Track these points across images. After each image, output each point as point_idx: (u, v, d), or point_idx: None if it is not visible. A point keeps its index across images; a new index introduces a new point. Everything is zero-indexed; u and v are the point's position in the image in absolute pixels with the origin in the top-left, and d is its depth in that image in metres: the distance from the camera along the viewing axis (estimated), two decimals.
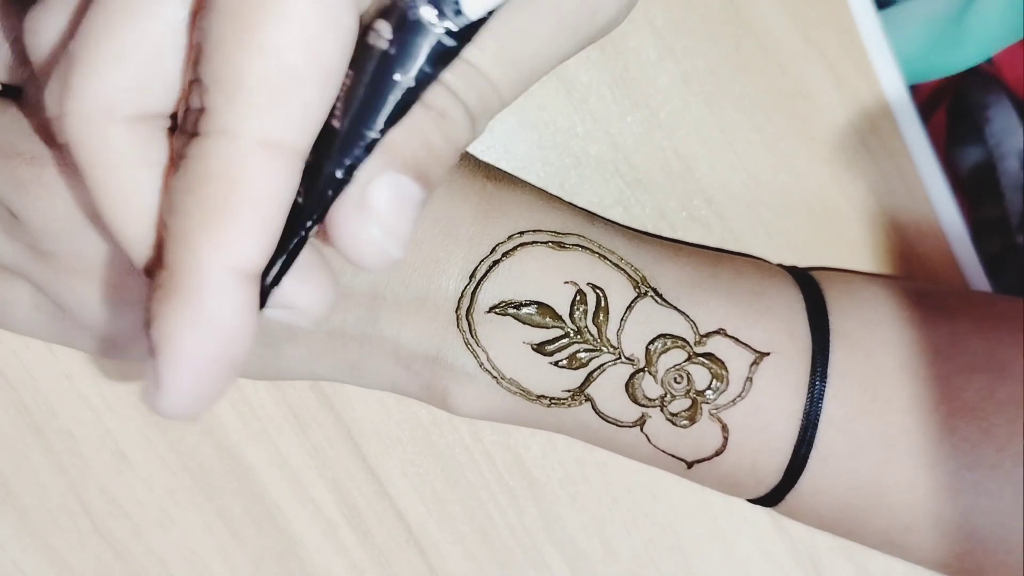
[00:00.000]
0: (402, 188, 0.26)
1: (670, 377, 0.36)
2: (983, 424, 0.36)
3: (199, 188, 0.24)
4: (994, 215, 0.43)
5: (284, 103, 0.23)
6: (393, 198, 0.26)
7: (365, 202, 0.25)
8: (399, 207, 0.26)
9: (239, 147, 0.23)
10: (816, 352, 0.37)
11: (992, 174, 0.42)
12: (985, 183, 0.42)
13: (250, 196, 0.24)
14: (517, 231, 0.36)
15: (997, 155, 0.42)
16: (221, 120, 0.23)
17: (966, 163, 0.42)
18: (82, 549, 0.43)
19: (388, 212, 0.25)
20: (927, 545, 0.38)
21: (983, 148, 0.42)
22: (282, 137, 0.24)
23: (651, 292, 0.36)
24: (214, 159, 0.24)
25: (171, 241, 0.24)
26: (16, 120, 0.34)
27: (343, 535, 0.43)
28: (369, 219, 0.25)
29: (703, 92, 0.42)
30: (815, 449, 0.37)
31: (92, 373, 0.42)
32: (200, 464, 0.43)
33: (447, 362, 0.36)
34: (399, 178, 0.26)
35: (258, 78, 0.23)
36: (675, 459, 0.38)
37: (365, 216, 0.25)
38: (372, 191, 0.25)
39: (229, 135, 0.23)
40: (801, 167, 0.42)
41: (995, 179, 0.42)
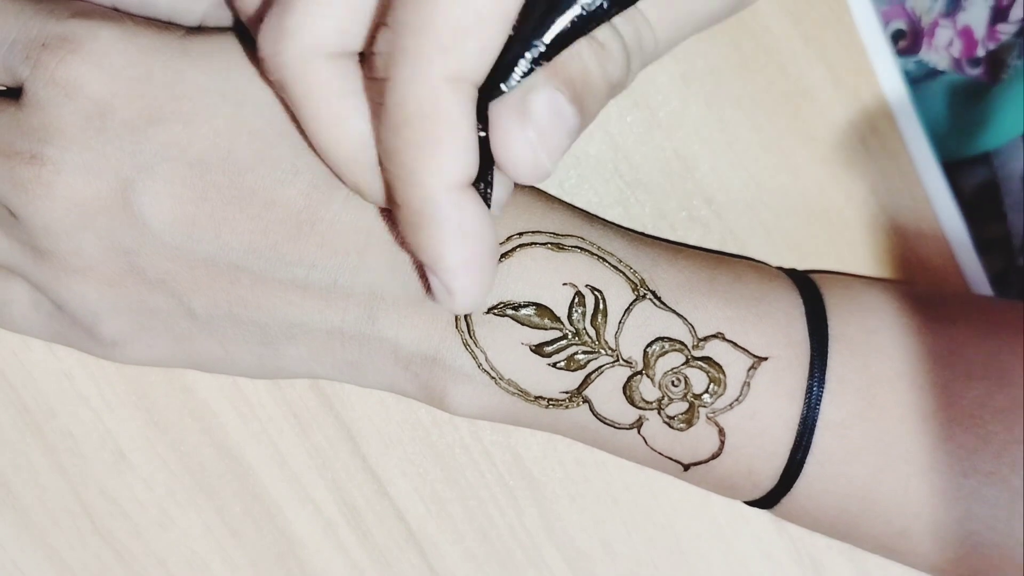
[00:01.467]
0: (559, 104, 0.28)
1: (668, 380, 0.36)
2: (980, 431, 0.36)
3: (404, 131, 0.28)
4: (997, 235, 0.43)
5: (467, 41, 0.27)
6: (550, 110, 0.28)
7: (525, 107, 0.28)
8: (555, 120, 0.28)
9: (430, 85, 0.27)
10: (814, 357, 0.37)
11: (996, 194, 0.42)
12: (988, 203, 0.42)
13: (447, 125, 0.27)
14: (516, 232, 0.36)
15: (1001, 175, 0.42)
16: (411, 61, 0.27)
17: (970, 182, 0.42)
18: (82, 549, 0.43)
19: (545, 121, 0.28)
20: (923, 550, 0.38)
21: (987, 168, 0.42)
22: (465, 71, 0.27)
23: (650, 295, 0.36)
24: (411, 101, 0.27)
25: (397, 182, 0.29)
26: (15, 119, 0.34)
27: (343, 535, 0.43)
28: (527, 124, 0.28)
29: (703, 92, 0.42)
30: (811, 454, 0.37)
31: (92, 373, 0.42)
32: (200, 464, 0.43)
33: (445, 362, 0.36)
34: (557, 95, 0.28)
35: (445, 21, 0.26)
36: (672, 461, 0.38)
37: (524, 121, 0.28)
38: (533, 98, 0.28)
39: (420, 76, 0.27)
40: (801, 167, 0.42)
41: (998, 199, 0.42)
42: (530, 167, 0.28)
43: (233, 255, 0.34)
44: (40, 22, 0.34)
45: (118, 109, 0.33)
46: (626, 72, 0.31)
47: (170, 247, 0.34)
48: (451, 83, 0.27)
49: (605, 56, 0.30)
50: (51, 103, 0.33)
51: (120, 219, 0.34)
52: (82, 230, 0.34)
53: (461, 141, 0.28)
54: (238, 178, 0.34)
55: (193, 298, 0.35)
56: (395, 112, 0.28)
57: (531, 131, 0.28)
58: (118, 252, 0.35)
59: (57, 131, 0.33)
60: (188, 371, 0.42)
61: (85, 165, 0.33)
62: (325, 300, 0.35)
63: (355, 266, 0.35)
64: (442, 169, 0.28)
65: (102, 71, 0.33)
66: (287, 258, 0.34)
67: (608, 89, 0.31)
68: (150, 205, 0.34)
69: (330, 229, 0.34)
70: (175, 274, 0.35)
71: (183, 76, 0.33)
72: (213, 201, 0.34)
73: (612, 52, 0.30)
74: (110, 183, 0.34)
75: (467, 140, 0.28)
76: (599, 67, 0.30)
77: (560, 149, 0.29)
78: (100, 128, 0.33)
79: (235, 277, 0.35)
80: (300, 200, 0.34)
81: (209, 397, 0.43)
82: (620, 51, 0.30)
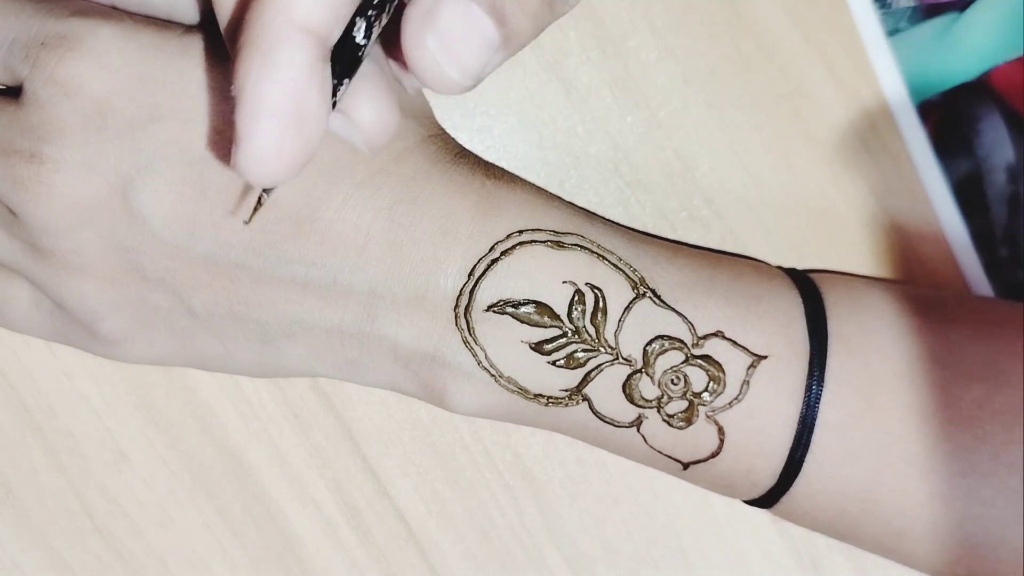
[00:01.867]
0: (472, 16, 0.27)
1: (667, 378, 0.36)
2: (979, 432, 0.36)
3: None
4: (980, 227, 0.43)
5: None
6: (460, 20, 0.27)
7: (430, 13, 0.27)
8: (464, 31, 0.27)
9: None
10: (814, 356, 0.37)
11: (979, 186, 0.42)
12: (972, 195, 0.42)
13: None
14: (516, 230, 0.36)
15: (985, 168, 0.42)
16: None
17: (954, 175, 0.42)
18: (82, 549, 0.43)
19: (448, 29, 0.27)
20: (920, 551, 0.38)
21: (972, 160, 0.42)
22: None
23: (649, 293, 0.36)
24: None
25: (249, 6, 0.26)
26: (15, 118, 0.34)
27: (343, 535, 0.43)
28: (430, 31, 0.27)
29: (703, 92, 0.42)
30: (810, 453, 0.37)
31: (92, 373, 0.42)
32: (200, 464, 0.43)
33: (445, 360, 0.36)
34: (468, 4, 0.27)
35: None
36: (671, 460, 0.38)
37: (427, 26, 0.27)
38: (439, 5, 0.27)
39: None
40: (801, 167, 0.42)
41: (981, 191, 0.42)
42: (435, 75, 0.28)
43: (233, 253, 0.34)
44: (39, 21, 0.34)
45: (117, 107, 0.33)
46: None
47: (170, 245, 0.34)
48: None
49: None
50: (51, 101, 0.33)
51: (120, 217, 0.34)
52: (82, 228, 0.34)
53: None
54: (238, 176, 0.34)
55: (193, 296, 0.35)
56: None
57: (431, 39, 0.27)
58: (118, 250, 0.35)
59: (57, 129, 0.33)
60: (188, 371, 0.42)
61: (85, 163, 0.33)
62: (325, 298, 0.35)
63: (354, 264, 0.35)
64: (296, 3, 0.26)
65: (101, 69, 0.33)
66: (287, 256, 0.34)
67: (545, 4, 0.30)
68: (150, 203, 0.34)
69: (329, 227, 0.34)
70: (175, 272, 0.35)
71: (183, 74, 0.33)
72: (212, 199, 0.34)
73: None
74: (110, 181, 0.34)
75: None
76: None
77: (474, 62, 0.28)
78: (100, 126, 0.33)
79: (235, 275, 0.35)
80: (299, 198, 0.34)
81: (209, 397, 0.43)
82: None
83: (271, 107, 0.26)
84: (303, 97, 0.26)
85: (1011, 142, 0.42)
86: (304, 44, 0.26)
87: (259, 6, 0.26)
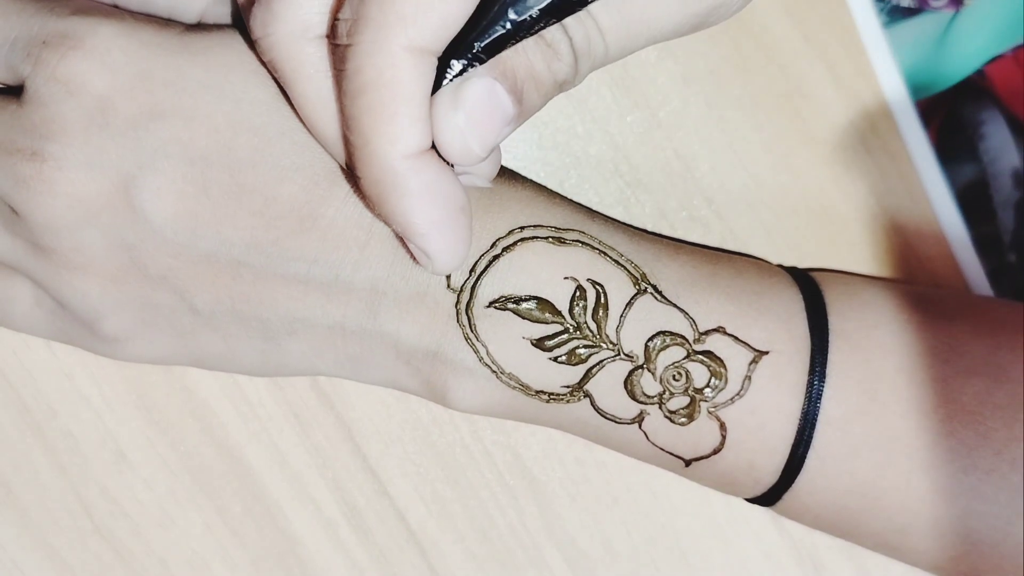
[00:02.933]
0: (495, 94, 0.30)
1: (669, 374, 0.36)
2: (980, 428, 0.36)
3: (362, 98, 0.29)
4: (987, 233, 0.43)
5: (429, 13, 0.28)
6: (483, 98, 0.30)
7: (458, 93, 0.30)
8: (487, 108, 0.30)
9: (389, 53, 0.28)
10: (815, 352, 0.37)
11: (985, 191, 0.42)
12: (978, 201, 0.43)
13: (403, 95, 0.28)
14: (517, 226, 0.36)
15: (991, 173, 0.42)
16: (372, 28, 0.28)
17: (959, 180, 0.42)
18: (82, 549, 0.43)
19: (475, 107, 0.30)
20: (922, 547, 0.38)
21: (977, 165, 0.42)
22: (424, 42, 0.28)
23: (651, 289, 0.36)
24: (369, 68, 0.28)
25: (355, 151, 0.30)
26: (17, 116, 0.34)
27: (343, 535, 0.43)
28: (458, 109, 0.30)
29: (703, 92, 0.42)
30: (813, 449, 0.37)
31: (92, 373, 0.42)
32: (200, 464, 0.43)
33: (447, 356, 0.36)
34: (494, 84, 0.30)
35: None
36: (673, 457, 0.38)
37: (456, 105, 0.30)
38: (466, 86, 0.30)
39: (380, 43, 0.28)
40: (801, 167, 0.43)
41: (988, 196, 0.42)
42: (458, 149, 0.30)
43: (235, 251, 0.34)
44: (41, 20, 0.34)
45: (119, 105, 0.33)
46: (573, 72, 0.33)
47: (172, 243, 0.34)
48: (410, 53, 0.28)
49: (552, 55, 0.31)
50: (52, 100, 0.33)
51: (122, 215, 0.34)
52: (84, 226, 0.34)
53: (416, 110, 0.29)
54: (239, 174, 0.34)
55: (195, 294, 0.35)
56: (354, 79, 0.29)
57: (461, 116, 0.30)
58: (120, 248, 0.35)
59: (59, 128, 0.33)
60: (188, 371, 0.42)
61: (87, 161, 0.33)
62: (326, 295, 0.35)
63: (356, 261, 0.35)
64: (397, 137, 0.29)
65: (103, 67, 0.33)
66: (289, 253, 0.34)
67: (554, 86, 0.32)
68: (151, 201, 0.34)
69: (331, 224, 0.34)
70: (177, 270, 0.35)
71: (183, 72, 0.34)
72: (214, 197, 0.34)
73: (560, 52, 0.31)
74: (111, 179, 0.34)
75: (422, 109, 0.29)
76: (544, 65, 0.31)
77: (493, 135, 0.30)
78: (101, 124, 0.33)
79: (237, 273, 0.35)
80: (301, 196, 0.34)
81: (209, 397, 0.43)
82: (568, 52, 0.32)
83: (437, 222, 0.30)
84: (451, 196, 0.30)
85: (1016, 147, 0.42)
86: (426, 167, 0.30)
87: (371, 156, 0.29)
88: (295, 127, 0.34)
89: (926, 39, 0.42)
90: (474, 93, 0.30)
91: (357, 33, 0.28)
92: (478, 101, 0.30)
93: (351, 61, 0.29)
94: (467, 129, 0.30)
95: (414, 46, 0.28)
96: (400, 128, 0.29)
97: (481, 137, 0.30)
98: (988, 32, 0.42)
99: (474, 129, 0.30)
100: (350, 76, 0.29)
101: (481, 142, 0.30)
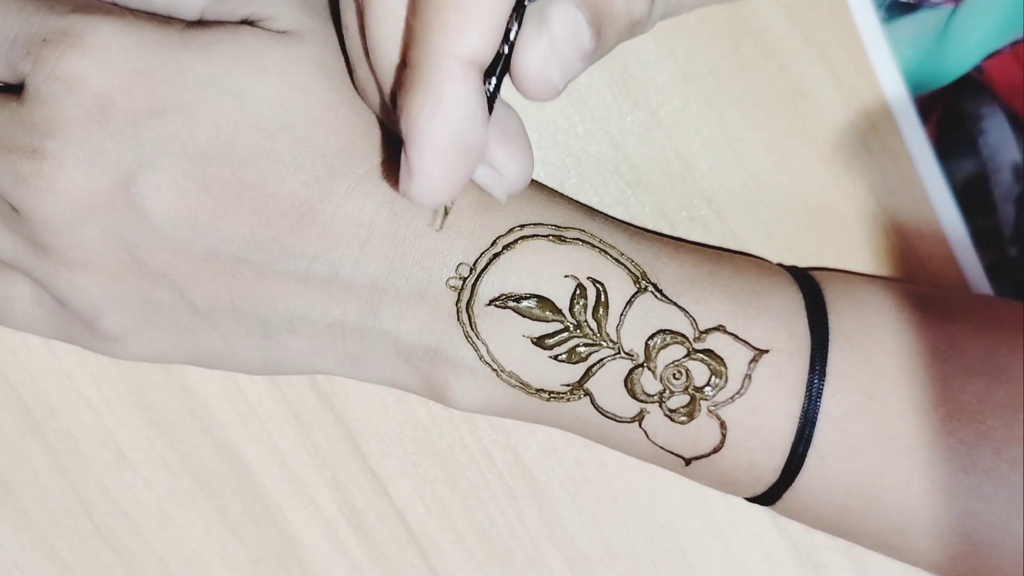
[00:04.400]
0: (577, 23, 0.29)
1: (669, 373, 0.36)
2: (980, 427, 0.36)
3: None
4: (987, 226, 0.43)
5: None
6: (567, 25, 0.29)
7: (545, 15, 0.29)
8: (570, 36, 0.29)
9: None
10: (815, 351, 0.37)
11: (985, 185, 0.42)
12: (978, 195, 0.43)
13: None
14: (518, 224, 0.36)
15: (991, 167, 0.42)
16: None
17: (959, 174, 0.42)
18: (82, 549, 0.43)
19: (559, 34, 0.29)
20: (922, 547, 0.38)
21: (977, 160, 0.42)
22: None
23: (651, 287, 0.36)
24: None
25: (414, 40, 0.28)
26: (17, 114, 0.34)
27: (343, 535, 0.43)
28: (543, 32, 0.29)
29: (703, 92, 0.42)
30: (812, 448, 0.37)
31: (92, 373, 0.42)
32: (200, 464, 0.43)
33: (447, 355, 0.36)
34: (577, 12, 0.29)
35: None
36: (673, 456, 0.38)
37: (542, 28, 0.29)
38: (553, 9, 0.29)
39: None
40: (801, 167, 0.43)
41: (988, 190, 0.42)
42: (540, 77, 0.29)
43: (235, 247, 0.34)
44: (41, 17, 0.34)
45: (119, 103, 0.33)
46: (648, 13, 0.32)
47: (172, 240, 0.34)
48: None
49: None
50: (52, 97, 0.33)
51: (122, 212, 0.34)
52: (84, 224, 0.34)
53: (489, 12, 0.28)
54: (239, 171, 0.34)
55: (195, 291, 0.35)
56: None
57: (546, 40, 0.29)
58: (120, 246, 0.35)
59: (59, 125, 0.33)
60: (188, 371, 0.42)
61: (86, 159, 0.33)
62: (327, 292, 0.35)
63: (357, 258, 0.35)
64: (460, 33, 0.28)
65: (103, 65, 0.33)
66: (289, 250, 0.34)
67: (628, 26, 0.31)
68: (151, 198, 0.34)
69: (332, 221, 0.34)
70: (177, 267, 0.35)
71: (184, 69, 0.34)
72: (215, 194, 0.34)
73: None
74: (111, 176, 0.34)
75: (496, 13, 0.28)
76: (623, 1, 0.30)
77: (572, 67, 0.30)
78: (101, 122, 0.33)
79: (237, 270, 0.35)
80: (302, 192, 0.34)
81: (209, 397, 0.43)
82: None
83: (442, 144, 0.28)
84: (470, 131, 0.28)
85: (1016, 141, 0.42)
86: (469, 79, 0.28)
87: (425, 41, 0.28)
88: (296, 123, 0.34)
89: (925, 35, 0.42)
90: (560, 17, 0.29)
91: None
92: (562, 26, 0.29)
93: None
94: (550, 55, 0.29)
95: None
96: (466, 24, 0.28)
97: (562, 66, 0.29)
98: (986, 27, 0.42)
99: (557, 56, 0.29)
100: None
101: (562, 72, 0.29)
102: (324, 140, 0.34)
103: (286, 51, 0.35)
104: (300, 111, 0.34)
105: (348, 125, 0.35)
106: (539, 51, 0.29)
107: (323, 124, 0.35)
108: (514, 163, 0.32)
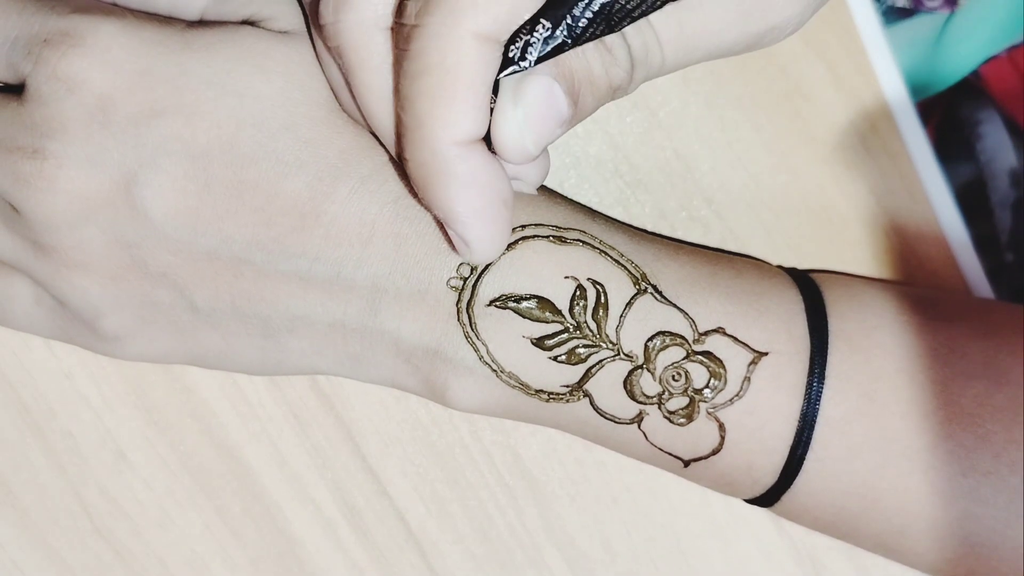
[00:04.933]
0: (553, 94, 0.30)
1: (668, 375, 0.36)
2: (979, 430, 0.36)
3: (423, 79, 0.29)
4: (984, 232, 0.43)
5: (500, 1, 0.28)
6: (542, 96, 0.30)
7: (519, 89, 0.30)
8: (544, 107, 0.30)
9: (457, 37, 0.28)
10: (814, 353, 0.37)
11: (982, 191, 0.43)
12: (975, 200, 0.43)
13: (466, 80, 0.28)
14: (518, 224, 0.36)
15: (988, 173, 0.42)
16: (443, 10, 0.28)
17: (956, 180, 0.42)
18: (82, 549, 0.43)
19: (533, 104, 0.30)
20: (920, 549, 0.38)
21: (974, 165, 0.42)
22: (492, 31, 0.28)
23: (651, 289, 0.36)
24: (435, 51, 0.28)
25: (407, 132, 0.30)
26: (17, 114, 0.34)
27: (343, 535, 0.43)
28: (518, 105, 0.30)
29: (703, 92, 0.42)
30: (811, 450, 0.37)
31: (92, 373, 0.42)
32: (200, 464, 0.43)
33: (447, 355, 0.36)
34: (553, 84, 0.30)
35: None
36: (672, 457, 0.38)
37: (516, 101, 0.30)
38: (528, 83, 0.30)
39: (449, 27, 0.28)
40: (801, 167, 0.43)
41: (985, 196, 0.43)
42: (515, 145, 0.30)
43: (236, 248, 0.34)
44: (42, 18, 0.34)
45: (120, 103, 0.33)
46: (628, 79, 0.32)
47: (172, 240, 0.34)
48: (476, 39, 0.28)
49: (610, 60, 0.31)
50: (53, 98, 0.33)
51: (122, 213, 0.34)
52: (84, 224, 0.34)
53: (475, 97, 0.29)
54: (241, 171, 0.34)
55: (195, 291, 0.35)
56: (416, 60, 0.29)
57: (520, 112, 0.30)
58: (120, 246, 0.35)
59: (59, 125, 0.33)
60: (188, 371, 0.42)
61: (87, 159, 0.33)
62: (328, 292, 0.35)
63: (358, 258, 0.35)
64: (453, 122, 0.29)
65: (104, 65, 0.33)
66: (290, 250, 0.34)
67: (608, 91, 0.32)
68: (152, 198, 0.34)
69: (334, 222, 0.34)
70: (177, 267, 0.35)
71: (185, 69, 0.34)
72: (216, 194, 0.34)
73: (617, 57, 0.31)
74: (112, 177, 0.34)
75: (482, 97, 0.29)
76: (602, 68, 0.31)
77: (547, 135, 0.30)
78: (102, 122, 0.33)
79: (238, 270, 0.35)
80: (304, 192, 0.34)
81: (209, 397, 0.43)
82: (625, 58, 0.32)
83: (478, 211, 0.30)
84: (495, 188, 0.30)
85: (1013, 147, 0.42)
86: (475, 151, 0.30)
87: (422, 138, 0.29)
88: (299, 123, 0.34)
89: (922, 40, 0.42)
90: (534, 90, 0.30)
91: (426, 15, 0.28)
92: (537, 99, 0.30)
93: (416, 42, 0.29)
94: (524, 126, 0.30)
95: (481, 33, 0.28)
96: (457, 113, 0.29)
97: (536, 136, 0.30)
98: (983, 33, 0.42)
99: (531, 127, 0.30)
100: (412, 57, 0.29)
101: (536, 140, 0.30)
102: (327, 140, 0.34)
103: (288, 51, 0.35)
104: (302, 111, 0.34)
105: (350, 125, 0.35)
106: (514, 122, 0.30)
107: (325, 124, 0.35)
108: (533, 169, 0.34)
